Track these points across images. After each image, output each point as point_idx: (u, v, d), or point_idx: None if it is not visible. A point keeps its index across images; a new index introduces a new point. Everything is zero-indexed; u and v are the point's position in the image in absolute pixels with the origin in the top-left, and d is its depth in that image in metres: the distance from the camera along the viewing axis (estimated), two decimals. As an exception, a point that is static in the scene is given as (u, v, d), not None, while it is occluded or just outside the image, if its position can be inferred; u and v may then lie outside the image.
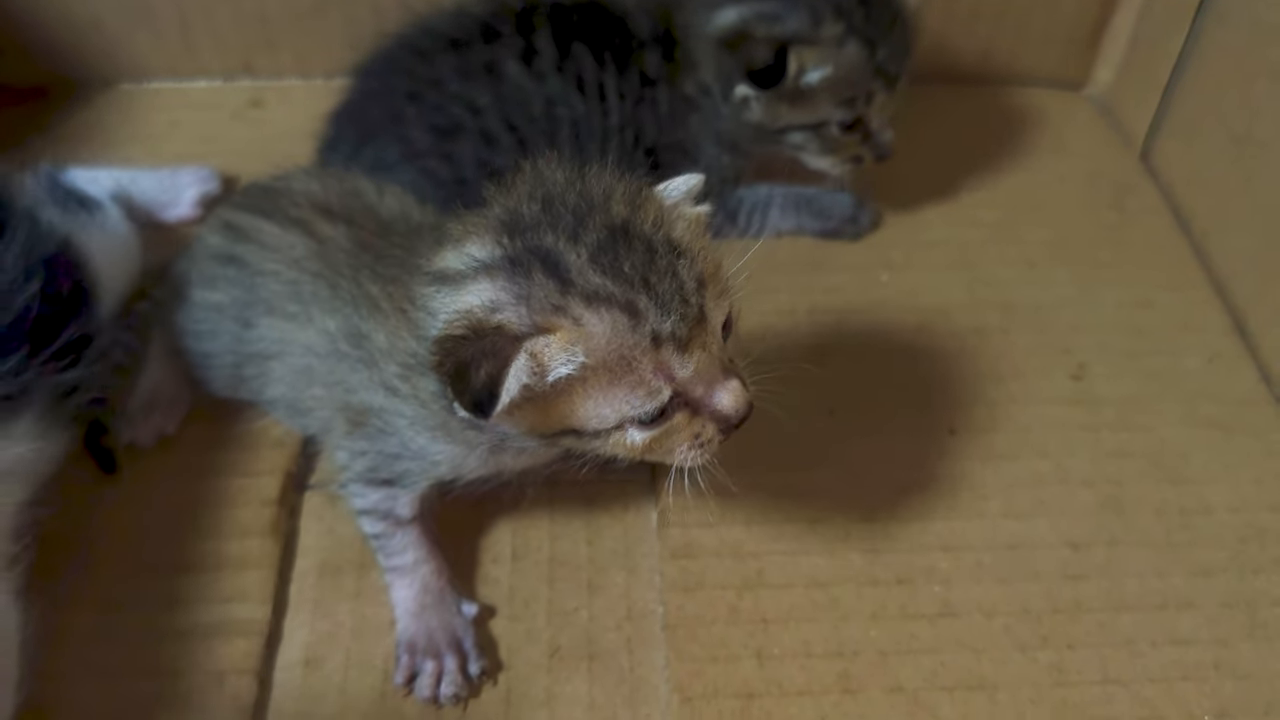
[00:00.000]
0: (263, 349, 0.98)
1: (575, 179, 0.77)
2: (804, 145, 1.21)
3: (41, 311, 0.93)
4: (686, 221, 0.78)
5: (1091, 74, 1.53)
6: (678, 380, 0.74)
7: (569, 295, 0.72)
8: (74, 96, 1.45)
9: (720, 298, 0.76)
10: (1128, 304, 1.25)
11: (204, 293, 1.04)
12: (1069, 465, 1.09)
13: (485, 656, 0.93)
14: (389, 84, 1.18)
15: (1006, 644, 0.96)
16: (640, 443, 0.78)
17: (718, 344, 0.76)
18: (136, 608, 0.96)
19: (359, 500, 0.95)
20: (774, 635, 0.96)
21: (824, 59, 1.13)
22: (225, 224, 1.05)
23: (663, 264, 0.73)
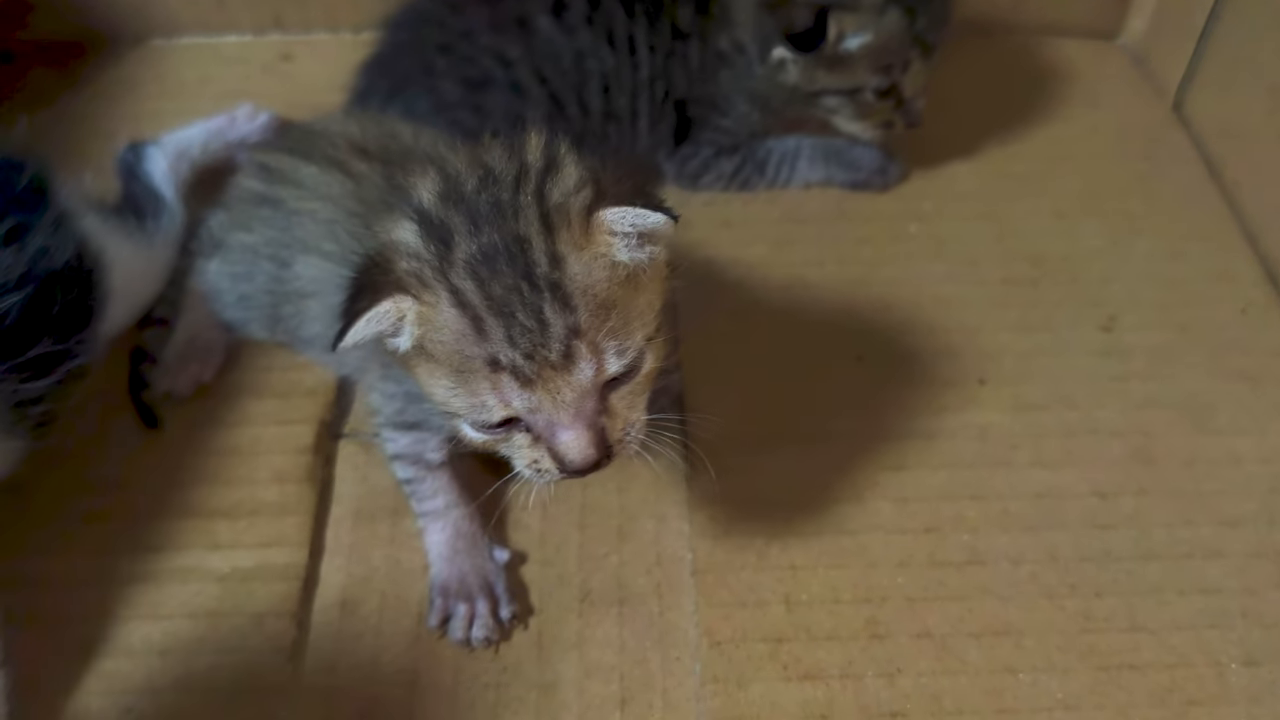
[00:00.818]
0: (300, 287, 0.99)
1: (516, 175, 0.74)
2: (837, 109, 1.21)
3: (18, 322, 0.89)
4: (608, 267, 0.73)
5: (1124, 23, 1.51)
6: (514, 409, 0.73)
7: (441, 279, 0.71)
8: (106, 52, 1.46)
9: (616, 353, 0.73)
10: (1158, 255, 1.24)
11: (240, 235, 1.05)
12: (1098, 416, 1.09)
13: (516, 601, 0.95)
14: (420, 36, 1.18)
15: (1034, 591, 0.96)
16: (478, 441, 0.78)
17: (577, 392, 0.72)
18: (176, 551, 0.98)
19: (391, 445, 0.97)
20: (802, 581, 0.97)
21: (864, 25, 1.13)
22: (261, 166, 1.06)
23: (530, 301, 0.70)
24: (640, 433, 0.78)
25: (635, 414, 0.77)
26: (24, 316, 0.89)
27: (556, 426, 0.74)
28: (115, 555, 0.98)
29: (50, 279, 0.93)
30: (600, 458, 0.75)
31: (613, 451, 0.75)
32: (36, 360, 0.90)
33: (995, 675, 0.91)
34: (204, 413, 1.08)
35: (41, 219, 0.95)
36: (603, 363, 0.72)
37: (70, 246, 0.96)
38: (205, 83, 1.42)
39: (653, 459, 0.81)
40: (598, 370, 0.72)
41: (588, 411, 0.74)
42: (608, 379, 0.74)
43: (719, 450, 1.05)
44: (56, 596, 0.95)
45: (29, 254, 0.92)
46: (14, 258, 0.91)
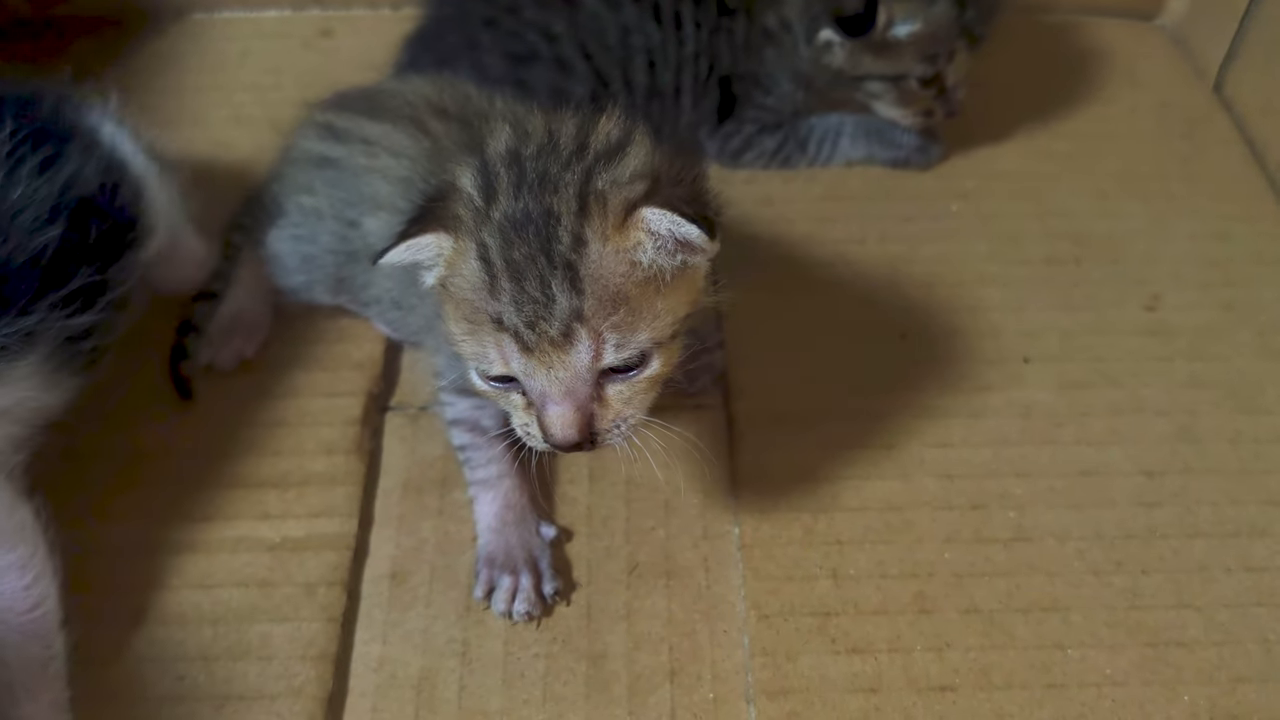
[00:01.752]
0: (370, 244, 0.98)
1: (574, 151, 0.76)
2: (880, 95, 1.21)
3: (56, 255, 0.88)
4: (629, 263, 0.74)
5: (1164, 4, 1.50)
6: (512, 370, 0.75)
7: (475, 230, 0.74)
8: (147, 27, 1.46)
9: (616, 346, 0.74)
10: (1201, 235, 1.24)
11: (301, 198, 1.05)
12: (1143, 394, 1.09)
13: (560, 578, 0.95)
14: (465, 10, 1.19)
15: (1080, 568, 0.96)
16: (480, 389, 0.79)
17: (570, 371, 0.74)
18: (227, 520, 0.99)
19: (449, 409, 0.98)
20: (849, 556, 0.97)
21: (914, 13, 1.13)
22: (323, 126, 1.06)
23: (542, 273, 0.72)
24: (631, 430, 0.78)
25: (630, 410, 0.78)
26: (61, 249, 0.89)
27: (547, 399, 0.75)
28: (166, 524, 0.98)
29: (83, 206, 0.92)
30: (581, 440, 0.76)
31: (596, 439, 0.77)
32: (78, 292, 0.90)
33: (1043, 651, 0.91)
34: (253, 385, 1.08)
35: (69, 145, 0.95)
36: (600, 351, 0.74)
37: (101, 170, 0.96)
38: (246, 57, 1.43)
39: (641, 458, 0.82)
40: (594, 358, 0.74)
41: (579, 394, 0.75)
42: (605, 368, 0.75)
43: (763, 427, 1.06)
44: (108, 564, 0.96)
45: (59, 184, 0.91)
46: (46, 189, 0.90)
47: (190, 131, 1.30)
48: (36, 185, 0.88)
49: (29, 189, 0.88)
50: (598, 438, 0.77)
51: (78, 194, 0.92)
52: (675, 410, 1.07)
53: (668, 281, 0.76)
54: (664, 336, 0.76)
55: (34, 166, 0.89)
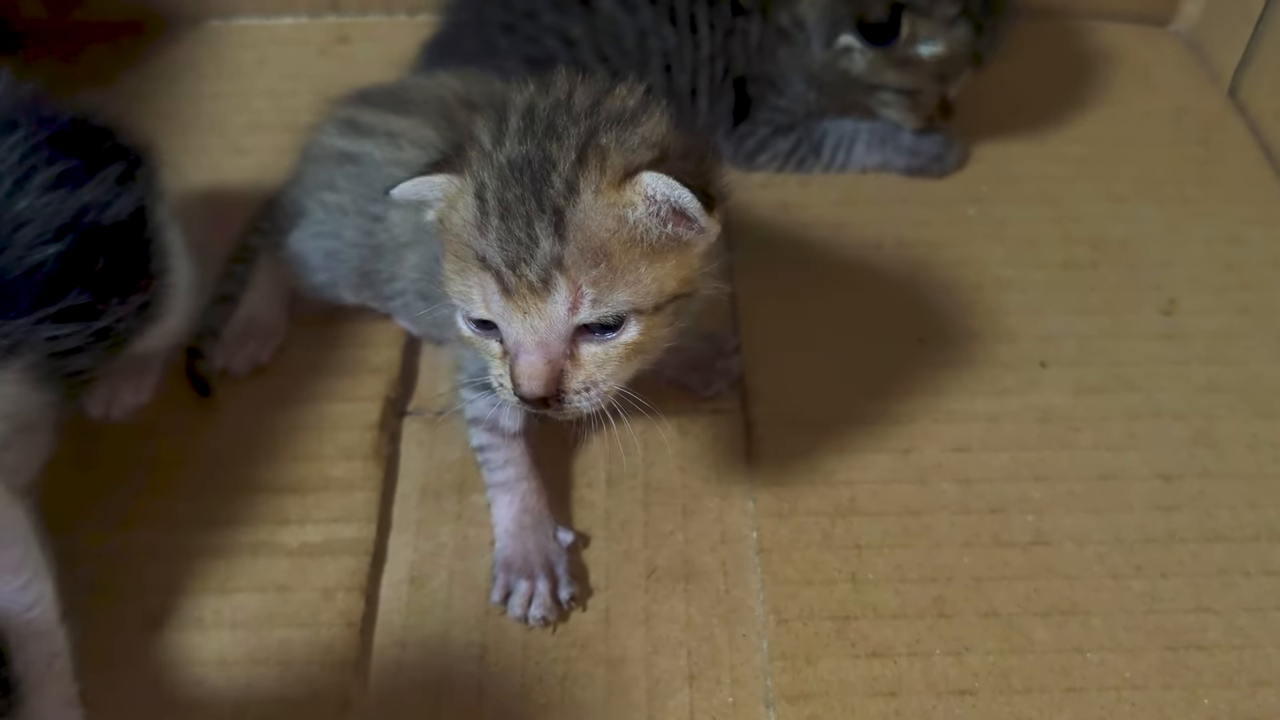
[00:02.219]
0: (396, 236, 1.00)
1: (586, 109, 0.77)
2: (891, 104, 1.24)
3: (53, 270, 0.86)
4: (619, 220, 0.74)
5: (1177, 9, 1.51)
6: (493, 313, 0.76)
7: (477, 169, 0.76)
8: (163, 33, 1.47)
9: (593, 301, 0.74)
10: (1217, 240, 1.24)
11: (324, 195, 1.06)
12: (1160, 399, 1.09)
13: (576, 584, 0.95)
14: (483, 15, 1.19)
15: (1099, 572, 0.96)
16: (464, 334, 0.80)
17: (546, 321, 0.74)
18: (245, 526, 0.99)
19: (469, 408, 0.98)
20: (868, 560, 0.97)
21: (935, 34, 1.15)
22: (344, 122, 1.06)
23: (529, 215, 0.73)
24: (601, 396, 0.77)
25: (602, 375, 0.77)
26: (61, 265, 0.87)
27: (520, 347, 0.75)
28: (184, 529, 0.98)
29: (94, 234, 0.90)
30: (548, 396, 0.75)
31: (563, 399, 0.76)
32: (71, 311, 0.88)
33: (1063, 654, 0.91)
34: (271, 390, 1.08)
35: (97, 170, 0.93)
36: (577, 303, 0.73)
37: (128, 208, 0.94)
38: (263, 64, 1.43)
39: (608, 428, 0.80)
40: (570, 308, 0.74)
41: (552, 348, 0.75)
42: (580, 324, 0.75)
43: (781, 431, 1.06)
44: (126, 570, 0.96)
45: (69, 205, 0.89)
46: (47, 208, 0.87)
47: (207, 138, 1.31)
48: (46, 200, 0.87)
49: (37, 202, 0.86)
50: (564, 397, 0.76)
51: (92, 220, 0.90)
52: (693, 414, 1.08)
53: (656, 249, 0.75)
54: (646, 305, 0.75)
55: (46, 180, 0.87)
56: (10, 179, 0.85)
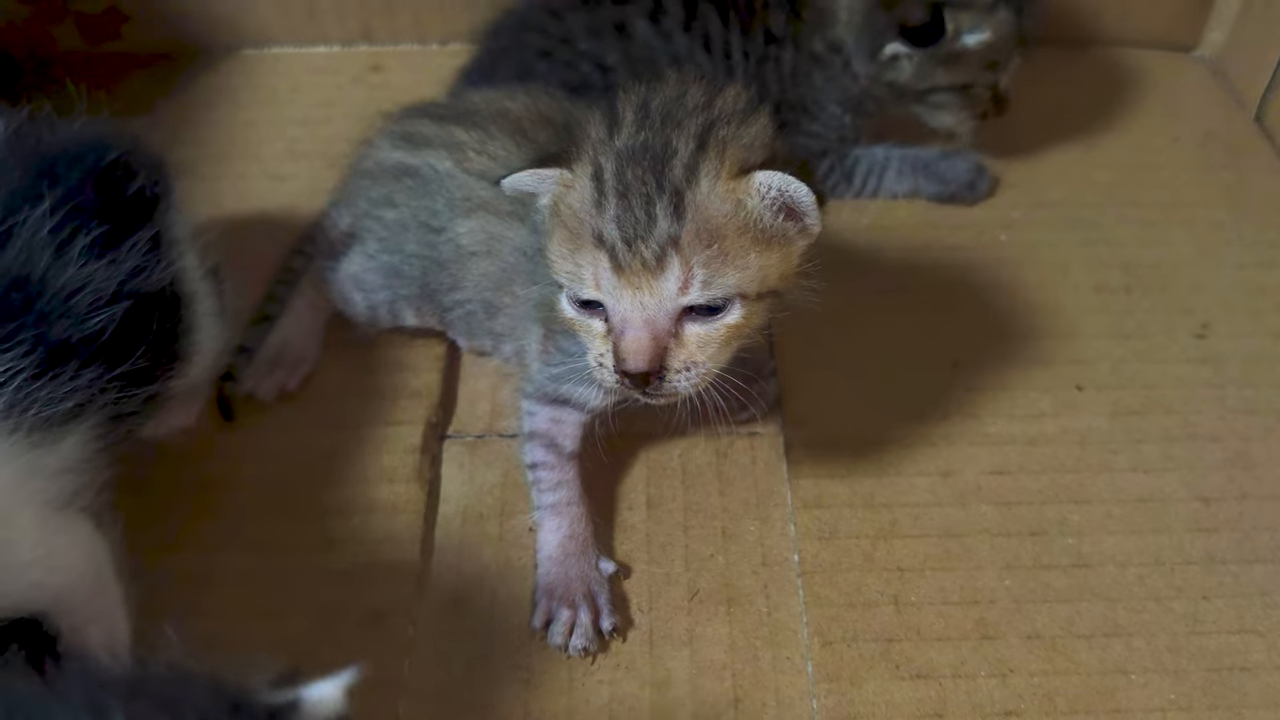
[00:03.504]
0: (465, 246, 1.01)
1: (701, 104, 0.80)
2: (944, 104, 1.24)
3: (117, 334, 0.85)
4: (735, 206, 0.77)
5: (1202, 36, 1.52)
6: (601, 292, 0.78)
7: (596, 154, 0.79)
8: (198, 61, 1.49)
9: (704, 281, 0.76)
10: (1249, 264, 1.24)
11: (382, 213, 1.07)
12: (1196, 421, 1.09)
13: (618, 614, 0.95)
14: (521, 40, 1.21)
15: (1141, 594, 0.96)
16: (567, 316, 0.83)
17: (657, 298, 0.77)
18: (290, 550, 0.99)
19: (529, 420, 0.99)
20: (910, 583, 0.97)
21: (979, 22, 1.16)
22: (401, 135, 1.08)
23: (649, 195, 0.76)
24: (701, 378, 0.79)
25: (703, 357, 0.79)
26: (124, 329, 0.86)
27: (627, 324, 0.77)
28: (229, 552, 0.99)
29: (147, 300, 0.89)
30: (651, 371, 0.77)
31: (665, 377, 0.78)
32: (130, 375, 0.87)
33: (1107, 676, 0.91)
34: (312, 414, 1.09)
35: (164, 236, 0.92)
36: (689, 282, 0.76)
37: (161, 272, 0.92)
38: (296, 92, 1.45)
39: (706, 410, 0.84)
40: (682, 287, 0.76)
41: (659, 325, 0.77)
42: (688, 305, 0.77)
43: (820, 454, 1.06)
44: (172, 593, 0.96)
45: (134, 265, 0.88)
46: (116, 269, 0.86)
47: (243, 165, 1.32)
48: (91, 267, 0.84)
49: (81, 271, 0.84)
50: (665, 375, 0.78)
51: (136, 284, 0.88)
52: (730, 437, 1.08)
53: (765, 240, 0.79)
54: (751, 291, 0.78)
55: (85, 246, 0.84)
56: (47, 252, 0.82)
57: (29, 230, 0.81)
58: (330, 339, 1.15)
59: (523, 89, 1.08)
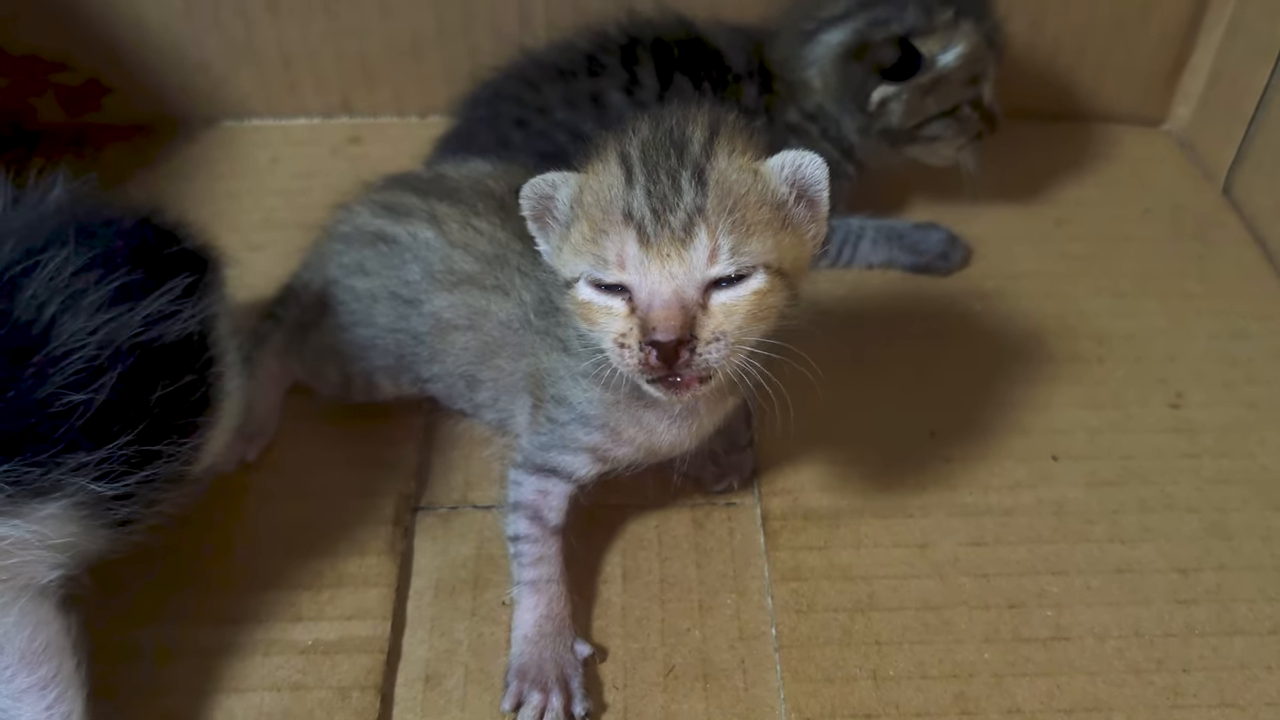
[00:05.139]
0: (448, 320, 1.01)
1: (712, 113, 0.84)
2: (939, 134, 1.25)
3: (101, 409, 0.80)
4: (754, 177, 0.81)
5: (1170, 110, 1.55)
6: (626, 273, 0.79)
7: (620, 144, 0.82)
8: (178, 133, 1.50)
9: (731, 250, 0.78)
10: (1221, 334, 1.25)
11: (352, 282, 1.07)
12: (1172, 491, 1.09)
13: (591, 699, 0.93)
14: (497, 111, 1.22)
15: (1120, 667, 0.96)
16: (584, 301, 0.82)
17: (685, 267, 0.78)
18: (259, 623, 0.98)
19: (515, 491, 0.98)
20: (888, 657, 0.96)
21: (948, 40, 1.18)
22: (384, 205, 1.08)
23: (674, 168, 0.79)
24: (730, 351, 0.79)
25: (730, 327, 0.78)
26: (115, 400, 0.81)
27: (655, 296, 0.78)
28: (197, 626, 0.97)
29: (155, 354, 0.85)
30: (682, 340, 0.77)
31: (696, 347, 0.77)
32: (118, 458, 0.82)
33: (1089, 752, 0.90)
34: (285, 484, 1.08)
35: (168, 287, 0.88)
36: (716, 251, 0.77)
37: (191, 328, 0.88)
38: (276, 163, 1.46)
39: (742, 390, 0.88)
40: (710, 255, 0.77)
41: (688, 295, 0.78)
42: (716, 276, 0.78)
43: (797, 526, 1.06)
44: (139, 668, 0.94)
45: (138, 319, 0.84)
46: (113, 329, 0.82)
47: (222, 236, 1.29)
48: (98, 322, 0.81)
49: (87, 325, 0.80)
50: (696, 345, 0.77)
51: (149, 342, 0.84)
52: (707, 508, 1.08)
53: (781, 217, 0.82)
54: (773, 262, 0.80)
55: (101, 299, 0.82)
56: (59, 299, 0.80)
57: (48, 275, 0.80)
58: (303, 408, 1.14)
59: (502, 166, 1.09)
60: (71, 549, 0.83)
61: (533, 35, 1.37)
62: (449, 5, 1.41)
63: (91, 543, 0.85)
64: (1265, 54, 1.36)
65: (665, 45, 1.24)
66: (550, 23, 1.38)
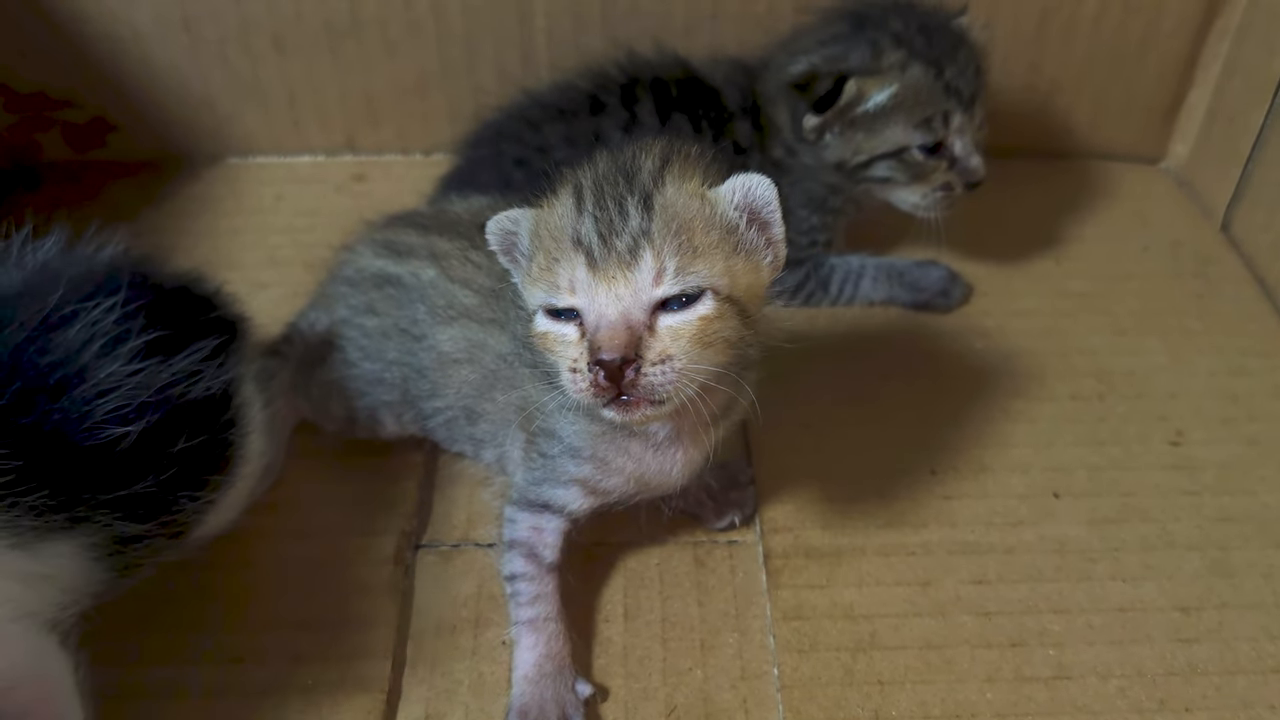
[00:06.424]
0: (448, 353, 1.02)
1: (665, 146, 0.86)
2: (891, 176, 1.23)
3: (133, 450, 0.83)
4: (704, 203, 0.81)
5: (1168, 148, 1.56)
6: (576, 297, 0.80)
7: (573, 177, 0.85)
8: (182, 170, 1.51)
9: (676, 271, 0.78)
10: (1220, 371, 1.26)
11: (362, 320, 1.08)
12: (1173, 529, 1.09)
13: None
14: (498, 150, 1.23)
15: (1123, 706, 0.95)
16: (543, 332, 0.83)
17: (631, 290, 0.78)
18: (259, 663, 0.98)
19: (510, 529, 0.98)
20: (890, 697, 0.96)
21: (886, 82, 1.18)
22: (385, 244, 1.10)
23: (621, 193, 0.80)
24: (676, 375, 0.79)
25: (676, 349, 0.79)
26: (141, 445, 0.83)
27: (602, 319, 0.79)
28: (198, 666, 0.97)
29: (182, 411, 0.87)
30: (626, 359, 0.77)
31: (642, 367, 0.78)
32: (140, 498, 0.84)
33: (1092, 793, 0.90)
34: (286, 523, 1.08)
35: (195, 348, 0.90)
36: (661, 272, 0.78)
37: (216, 388, 0.91)
38: (280, 200, 1.47)
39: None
40: (655, 277, 0.78)
41: (634, 316, 0.79)
42: (662, 297, 0.79)
43: (798, 564, 1.06)
44: (142, 708, 0.94)
45: (167, 376, 0.86)
46: (149, 378, 0.85)
47: (226, 273, 1.30)
48: (133, 369, 0.84)
49: (124, 369, 0.83)
50: (641, 366, 0.78)
51: (177, 398, 0.87)
52: (709, 545, 1.08)
53: (733, 242, 0.82)
54: (721, 287, 0.80)
55: (136, 348, 0.85)
56: (102, 340, 0.83)
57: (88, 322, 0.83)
58: (304, 447, 1.15)
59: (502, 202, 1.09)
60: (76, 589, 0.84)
61: (535, 75, 1.39)
62: (453, 45, 1.42)
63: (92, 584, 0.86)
64: (1262, 92, 1.37)
65: (664, 84, 1.26)
66: (552, 63, 1.40)
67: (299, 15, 1.40)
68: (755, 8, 1.40)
